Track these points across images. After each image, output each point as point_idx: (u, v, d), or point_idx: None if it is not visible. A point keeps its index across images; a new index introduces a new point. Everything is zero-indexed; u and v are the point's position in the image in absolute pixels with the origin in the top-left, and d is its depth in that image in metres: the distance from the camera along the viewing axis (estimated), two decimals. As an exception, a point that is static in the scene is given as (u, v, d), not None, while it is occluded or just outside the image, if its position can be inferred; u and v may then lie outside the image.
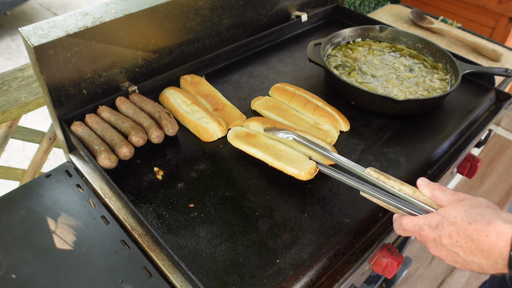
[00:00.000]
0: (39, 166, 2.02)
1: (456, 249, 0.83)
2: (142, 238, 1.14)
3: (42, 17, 5.75)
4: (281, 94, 1.53)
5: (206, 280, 0.99)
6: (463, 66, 1.60)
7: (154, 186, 1.22)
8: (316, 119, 1.43)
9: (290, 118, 1.43)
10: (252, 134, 1.31)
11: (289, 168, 1.19)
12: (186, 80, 1.56)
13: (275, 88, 1.56)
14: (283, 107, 1.48)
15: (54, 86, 1.24)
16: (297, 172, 1.17)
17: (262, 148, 1.25)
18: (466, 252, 0.82)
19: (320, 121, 1.43)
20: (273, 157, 1.23)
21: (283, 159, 1.22)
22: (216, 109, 1.46)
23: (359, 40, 1.83)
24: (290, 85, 1.56)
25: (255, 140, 1.29)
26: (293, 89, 1.53)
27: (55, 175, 1.35)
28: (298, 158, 1.22)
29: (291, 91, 1.52)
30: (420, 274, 2.62)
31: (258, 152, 1.25)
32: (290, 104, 1.50)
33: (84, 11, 1.27)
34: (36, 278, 1.06)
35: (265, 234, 1.10)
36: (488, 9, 3.16)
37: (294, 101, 1.49)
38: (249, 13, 1.77)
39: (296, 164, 1.19)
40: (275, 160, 1.22)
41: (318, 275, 1.04)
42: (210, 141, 1.38)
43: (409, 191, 0.98)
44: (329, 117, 1.42)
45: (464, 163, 1.65)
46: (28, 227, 1.18)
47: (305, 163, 1.20)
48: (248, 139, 1.29)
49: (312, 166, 1.18)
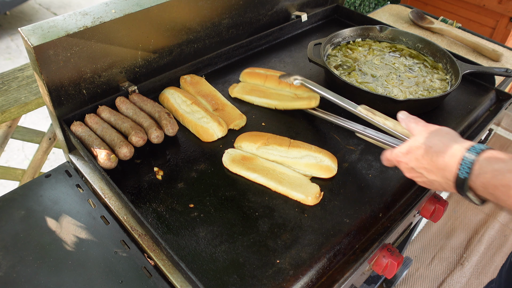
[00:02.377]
0: (38, 166, 2.02)
1: (421, 170, 0.98)
2: (142, 238, 1.14)
3: (42, 17, 5.75)
4: (254, 78, 1.60)
5: (206, 280, 0.99)
6: (463, 66, 1.60)
7: (154, 186, 1.22)
8: (294, 91, 1.52)
9: (272, 96, 1.51)
10: (249, 158, 1.29)
11: (295, 193, 1.19)
12: (186, 80, 1.56)
13: (246, 73, 1.63)
14: (261, 89, 1.56)
15: (54, 86, 1.24)
16: (304, 198, 1.18)
17: (263, 173, 1.24)
18: (428, 172, 0.96)
19: (298, 92, 1.52)
20: (276, 182, 1.21)
21: (286, 183, 1.21)
22: (216, 109, 1.46)
23: (359, 40, 1.83)
24: (259, 68, 1.65)
25: (253, 164, 1.27)
26: (263, 71, 1.61)
27: (55, 175, 1.34)
28: (301, 182, 1.22)
29: (262, 73, 1.60)
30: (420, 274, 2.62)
31: (259, 177, 1.23)
32: (266, 85, 1.58)
33: (84, 11, 1.27)
34: (36, 278, 1.06)
35: (265, 234, 1.10)
36: (488, 9, 3.16)
37: (268, 81, 1.57)
38: (249, 13, 1.77)
39: (300, 188, 1.19)
40: (279, 185, 1.21)
41: (318, 275, 1.04)
42: (210, 141, 1.37)
43: (390, 124, 1.18)
44: (304, 87, 1.49)
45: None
46: (28, 227, 1.17)
47: (309, 187, 1.20)
48: (245, 163, 1.27)
49: (316, 190, 1.19)
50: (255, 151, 1.31)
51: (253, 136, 1.34)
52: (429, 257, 2.71)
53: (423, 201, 1.32)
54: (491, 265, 2.66)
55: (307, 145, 1.30)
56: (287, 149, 1.28)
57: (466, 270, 2.63)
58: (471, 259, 2.68)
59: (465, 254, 2.71)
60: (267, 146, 1.30)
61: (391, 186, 1.26)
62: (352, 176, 1.28)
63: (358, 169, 1.31)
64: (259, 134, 1.35)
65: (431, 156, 0.94)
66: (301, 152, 1.27)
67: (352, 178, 1.28)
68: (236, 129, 1.43)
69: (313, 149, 1.29)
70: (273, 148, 1.29)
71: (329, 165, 1.26)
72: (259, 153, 1.30)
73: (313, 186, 1.20)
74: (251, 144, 1.31)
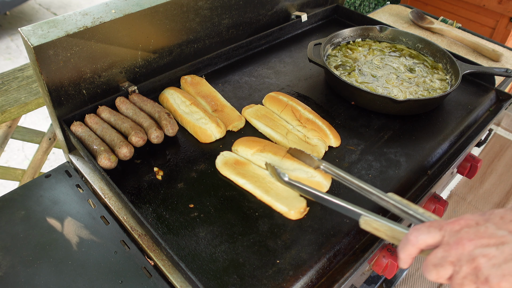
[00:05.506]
0: (38, 166, 2.02)
1: (506, 229, 0.63)
2: (142, 239, 1.14)
3: (42, 17, 5.75)
4: (274, 104, 1.48)
5: (206, 280, 0.99)
6: (463, 66, 1.60)
7: (154, 186, 1.22)
8: (305, 133, 1.37)
9: (279, 129, 1.38)
10: (242, 162, 1.26)
11: (278, 204, 1.14)
12: (187, 80, 1.56)
13: (269, 96, 1.51)
14: (274, 117, 1.43)
15: (54, 86, 1.24)
16: (286, 211, 1.12)
17: (252, 180, 1.20)
18: None
19: (309, 135, 1.36)
20: (263, 191, 1.17)
21: (273, 194, 1.16)
22: (215, 110, 1.46)
23: (359, 40, 1.83)
24: (284, 94, 1.50)
25: (244, 169, 1.24)
26: (286, 99, 1.47)
27: (55, 175, 1.34)
28: (288, 194, 1.16)
29: (284, 101, 1.46)
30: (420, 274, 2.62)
31: (247, 184, 1.19)
32: (281, 115, 1.45)
33: (84, 11, 1.27)
34: (36, 278, 1.06)
35: (265, 234, 1.10)
36: (488, 9, 3.16)
37: (285, 112, 1.44)
38: (249, 13, 1.77)
39: (286, 201, 1.14)
40: (264, 194, 1.16)
41: (318, 275, 1.04)
42: (208, 142, 1.37)
43: (421, 210, 0.87)
44: (319, 131, 1.36)
45: (464, 163, 1.65)
46: (28, 227, 1.17)
47: (295, 201, 1.14)
48: (237, 167, 1.24)
49: (302, 205, 1.13)
50: (250, 157, 1.28)
51: (250, 142, 1.31)
52: (429, 257, 2.70)
53: (423, 201, 1.32)
54: (491, 265, 2.66)
55: None
56: (281, 159, 1.23)
57: (466, 270, 2.62)
58: (471, 259, 2.67)
59: (465, 254, 2.71)
60: (262, 153, 1.26)
61: (391, 186, 1.26)
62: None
63: (358, 169, 1.31)
64: (257, 140, 1.32)
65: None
66: (294, 164, 1.22)
67: (352, 178, 1.28)
68: (235, 131, 1.42)
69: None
70: (268, 156, 1.25)
71: (320, 181, 1.19)
72: (253, 159, 1.27)
73: (300, 200, 1.15)
74: (247, 149, 1.29)
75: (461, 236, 0.65)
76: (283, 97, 1.48)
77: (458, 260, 0.64)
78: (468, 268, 0.63)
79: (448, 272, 0.66)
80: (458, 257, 0.65)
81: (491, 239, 0.63)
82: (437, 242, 0.70)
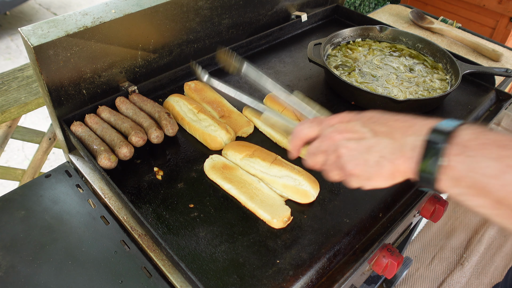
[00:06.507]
0: (38, 166, 2.02)
1: (369, 127, 0.74)
2: (142, 239, 1.14)
3: (42, 17, 5.75)
4: (274, 103, 1.46)
5: (206, 280, 0.99)
6: (463, 66, 1.60)
7: (154, 186, 1.22)
8: None
9: None
10: (230, 167, 1.24)
11: (262, 212, 1.13)
12: (190, 86, 1.53)
13: (269, 96, 1.49)
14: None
15: (54, 86, 1.24)
16: (269, 219, 1.11)
17: (238, 185, 1.18)
18: (379, 133, 0.73)
19: None
20: (247, 197, 1.16)
21: (257, 200, 1.15)
22: (222, 116, 1.43)
23: (359, 40, 1.83)
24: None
25: (231, 174, 1.22)
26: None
27: (55, 175, 1.34)
28: (274, 202, 1.15)
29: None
30: (420, 274, 2.62)
31: (232, 189, 1.18)
32: (282, 114, 1.40)
33: (83, 11, 1.27)
34: (36, 278, 1.06)
35: (265, 234, 1.10)
36: (488, 9, 3.16)
37: (285, 111, 1.43)
38: (249, 13, 1.77)
39: (270, 209, 1.13)
40: (249, 201, 1.15)
41: (318, 275, 1.04)
42: (218, 150, 1.34)
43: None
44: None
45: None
46: (28, 227, 1.17)
47: (280, 209, 1.13)
48: (224, 172, 1.22)
49: (286, 214, 1.12)
50: (238, 162, 1.26)
51: (240, 146, 1.29)
52: (429, 257, 2.71)
53: (423, 201, 1.32)
54: (491, 265, 2.66)
55: (290, 165, 1.22)
56: (269, 165, 1.21)
57: (466, 270, 2.62)
58: (471, 259, 2.68)
59: (465, 254, 2.71)
60: (251, 158, 1.24)
61: (391, 186, 1.26)
62: (352, 176, 1.28)
63: (358, 169, 1.31)
64: (247, 145, 1.30)
65: (392, 122, 0.74)
66: (282, 171, 1.20)
67: (352, 178, 1.28)
68: (244, 136, 1.40)
69: (295, 171, 1.20)
70: (256, 161, 1.23)
71: (307, 190, 1.17)
72: (242, 164, 1.25)
73: (285, 208, 1.13)
74: (236, 153, 1.27)
75: (334, 129, 0.78)
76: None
77: (328, 150, 0.78)
78: (333, 157, 0.77)
79: (321, 159, 0.80)
80: (328, 147, 0.78)
81: (355, 134, 0.75)
82: (316, 134, 0.82)
